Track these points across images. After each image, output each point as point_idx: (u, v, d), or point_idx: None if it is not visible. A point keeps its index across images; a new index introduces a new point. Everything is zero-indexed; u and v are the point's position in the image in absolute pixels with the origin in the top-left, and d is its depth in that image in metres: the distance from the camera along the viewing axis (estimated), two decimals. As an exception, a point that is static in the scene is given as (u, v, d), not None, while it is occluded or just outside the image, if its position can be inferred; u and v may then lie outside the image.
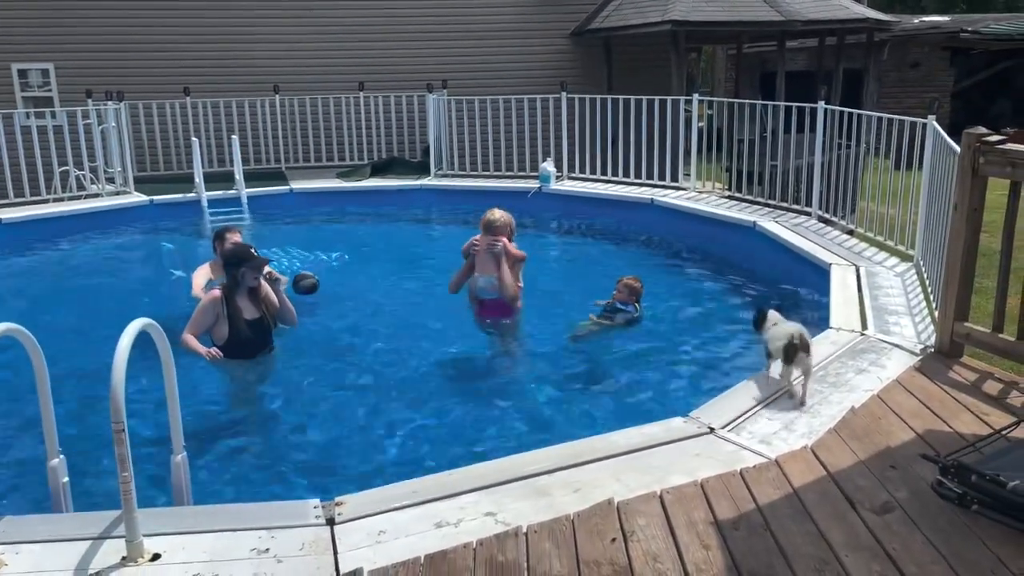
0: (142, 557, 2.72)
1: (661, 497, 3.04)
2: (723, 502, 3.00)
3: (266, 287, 5.20)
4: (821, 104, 7.99)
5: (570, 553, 2.72)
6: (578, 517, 2.92)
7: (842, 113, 7.80)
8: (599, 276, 6.84)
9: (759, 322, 4.33)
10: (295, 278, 6.33)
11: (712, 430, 3.60)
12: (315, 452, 4.27)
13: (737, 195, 9.21)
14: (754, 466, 3.26)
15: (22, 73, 12.21)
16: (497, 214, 5.79)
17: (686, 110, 9.88)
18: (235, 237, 6.40)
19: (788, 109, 8.43)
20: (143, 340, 2.88)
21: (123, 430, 2.63)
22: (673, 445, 3.48)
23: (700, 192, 9.65)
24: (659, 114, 9.79)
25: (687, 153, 9.98)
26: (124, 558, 2.71)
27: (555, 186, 10.33)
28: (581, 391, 5.02)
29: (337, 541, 2.85)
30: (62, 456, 3.17)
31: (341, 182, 11.30)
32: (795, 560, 2.65)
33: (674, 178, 10.03)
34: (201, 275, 6.27)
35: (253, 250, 5.01)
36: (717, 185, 10.11)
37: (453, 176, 11.39)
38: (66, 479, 3.18)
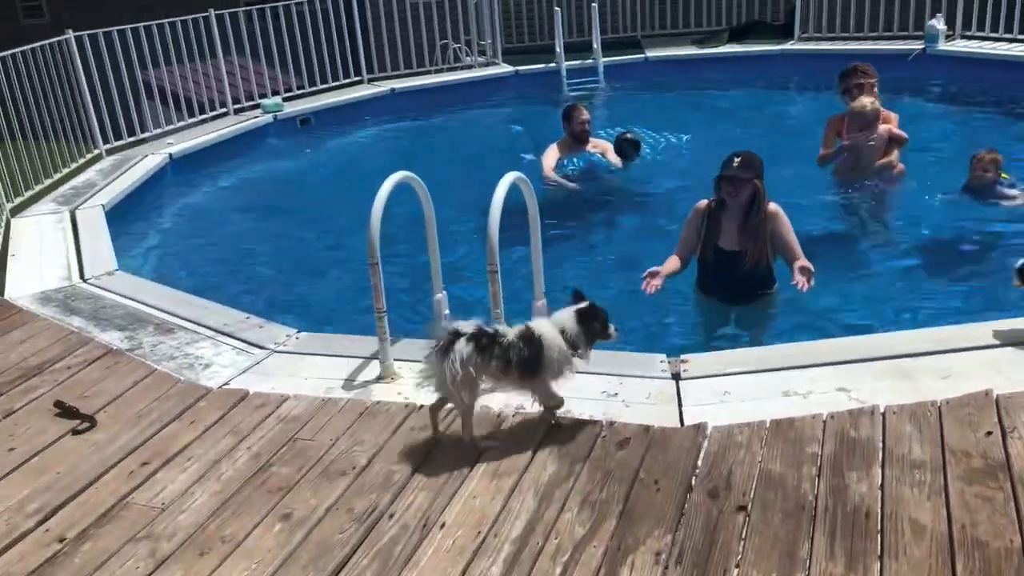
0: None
1: (1053, 396, 2.66)
2: None
3: (780, 222, 3.94)
4: None
5: (934, 439, 2.51)
6: (946, 404, 2.68)
7: None
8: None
9: None
10: (617, 137, 6.25)
11: None
12: (653, 311, 4.31)
13: None
14: None
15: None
16: (867, 103, 5.26)
17: None
18: (583, 115, 6.39)
19: None
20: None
21: (496, 271, 2.92)
22: (1073, 342, 3.00)
23: None
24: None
25: None
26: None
27: (944, 47, 8.99)
28: (950, 277, 4.53)
29: (682, 395, 2.93)
30: (445, 291, 3.62)
31: (697, 49, 10.93)
32: None
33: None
34: (551, 156, 6.28)
35: (737, 158, 3.92)
36: None
37: (820, 39, 10.41)
38: (447, 311, 3.63)
